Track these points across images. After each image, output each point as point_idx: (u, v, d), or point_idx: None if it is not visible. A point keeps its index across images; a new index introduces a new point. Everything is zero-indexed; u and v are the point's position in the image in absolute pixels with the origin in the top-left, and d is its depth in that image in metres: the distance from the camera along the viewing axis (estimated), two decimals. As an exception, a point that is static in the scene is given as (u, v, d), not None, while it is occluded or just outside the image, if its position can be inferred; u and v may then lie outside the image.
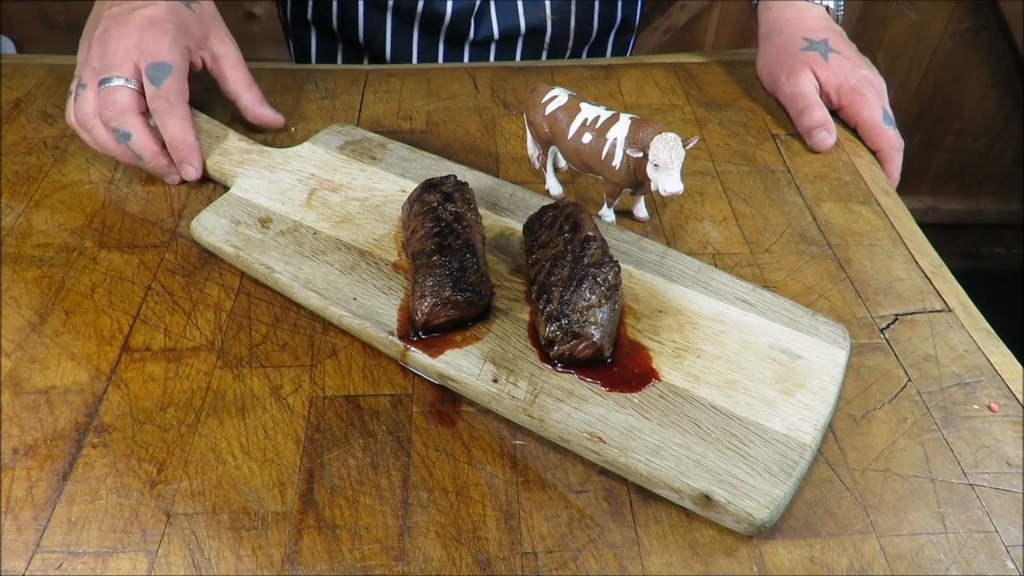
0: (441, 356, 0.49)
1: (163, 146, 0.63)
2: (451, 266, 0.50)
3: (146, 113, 0.62)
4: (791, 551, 0.43)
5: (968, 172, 1.95)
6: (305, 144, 0.66)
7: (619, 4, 0.91)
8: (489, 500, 0.45)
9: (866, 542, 0.43)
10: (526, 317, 0.52)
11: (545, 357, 0.49)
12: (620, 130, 0.57)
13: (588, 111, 0.59)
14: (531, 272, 0.53)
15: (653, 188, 0.56)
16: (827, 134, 0.70)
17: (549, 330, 0.48)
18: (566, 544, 0.43)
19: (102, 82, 0.60)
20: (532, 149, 0.64)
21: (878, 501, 0.45)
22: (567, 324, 0.47)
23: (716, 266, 0.59)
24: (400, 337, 0.51)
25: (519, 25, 0.87)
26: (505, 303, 0.53)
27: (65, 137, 0.70)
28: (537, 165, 0.65)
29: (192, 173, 0.63)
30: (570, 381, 0.48)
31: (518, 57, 0.90)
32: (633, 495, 0.45)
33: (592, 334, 0.47)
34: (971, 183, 1.97)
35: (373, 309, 0.52)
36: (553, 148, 0.62)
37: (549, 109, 0.60)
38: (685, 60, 0.83)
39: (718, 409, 0.47)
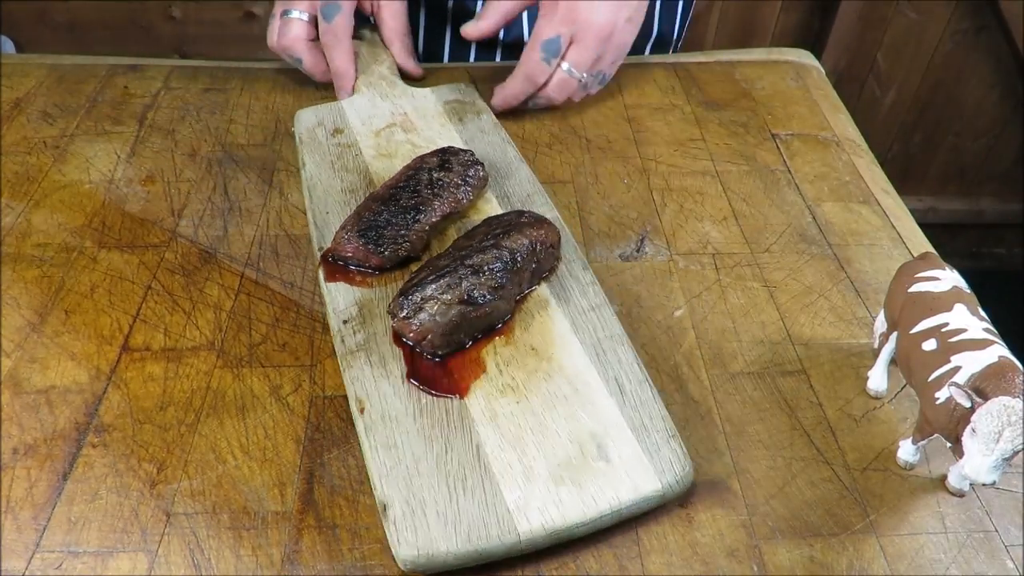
0: (332, 283, 0.54)
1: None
2: (379, 215, 0.55)
3: (316, 39, 0.73)
4: (791, 551, 0.43)
5: (968, 172, 1.95)
6: (426, 89, 0.74)
7: (656, 17, 0.90)
8: (489, 500, 0.45)
9: (866, 542, 0.43)
10: None
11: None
12: (973, 361, 0.42)
13: (957, 316, 0.44)
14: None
15: (960, 459, 0.42)
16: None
17: (393, 301, 0.50)
18: (566, 544, 0.43)
19: (283, 13, 0.72)
20: (879, 323, 0.51)
21: (878, 501, 0.45)
22: (404, 302, 0.49)
23: (716, 266, 0.59)
24: (321, 254, 0.56)
25: None
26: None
27: (65, 137, 0.70)
28: (876, 344, 0.52)
29: (345, 96, 0.73)
30: (397, 355, 0.49)
31: None
32: (633, 495, 0.45)
33: (414, 322, 0.48)
34: (971, 183, 1.96)
35: (332, 227, 0.58)
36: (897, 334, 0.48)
37: (915, 288, 0.46)
38: (685, 60, 0.83)
39: (478, 452, 0.44)
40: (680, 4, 0.90)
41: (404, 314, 0.49)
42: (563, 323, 0.52)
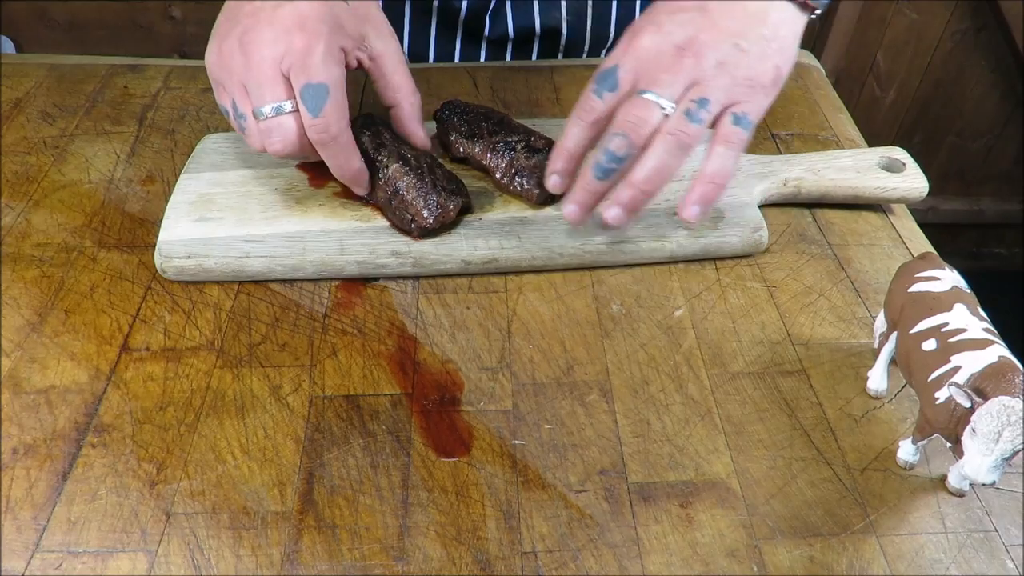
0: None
1: None
2: (473, 114, 0.64)
3: None
4: (791, 551, 0.43)
5: (968, 172, 1.95)
6: None
7: (637, 8, 0.91)
8: (489, 500, 0.45)
9: (866, 542, 0.43)
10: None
11: None
12: (974, 361, 0.41)
13: (957, 316, 0.44)
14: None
15: (960, 459, 0.42)
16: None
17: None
18: (566, 544, 0.43)
19: (256, 112, 0.54)
20: (879, 323, 0.51)
21: (878, 501, 0.45)
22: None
23: (716, 266, 0.59)
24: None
25: (534, 25, 0.87)
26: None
27: (65, 137, 0.70)
28: (876, 344, 0.52)
29: (362, 192, 0.59)
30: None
31: (534, 58, 0.90)
32: (633, 495, 0.45)
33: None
34: (971, 183, 1.96)
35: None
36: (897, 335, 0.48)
37: (915, 287, 0.46)
38: (685, 60, 0.82)
39: (261, 204, 0.60)
40: None
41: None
42: None
